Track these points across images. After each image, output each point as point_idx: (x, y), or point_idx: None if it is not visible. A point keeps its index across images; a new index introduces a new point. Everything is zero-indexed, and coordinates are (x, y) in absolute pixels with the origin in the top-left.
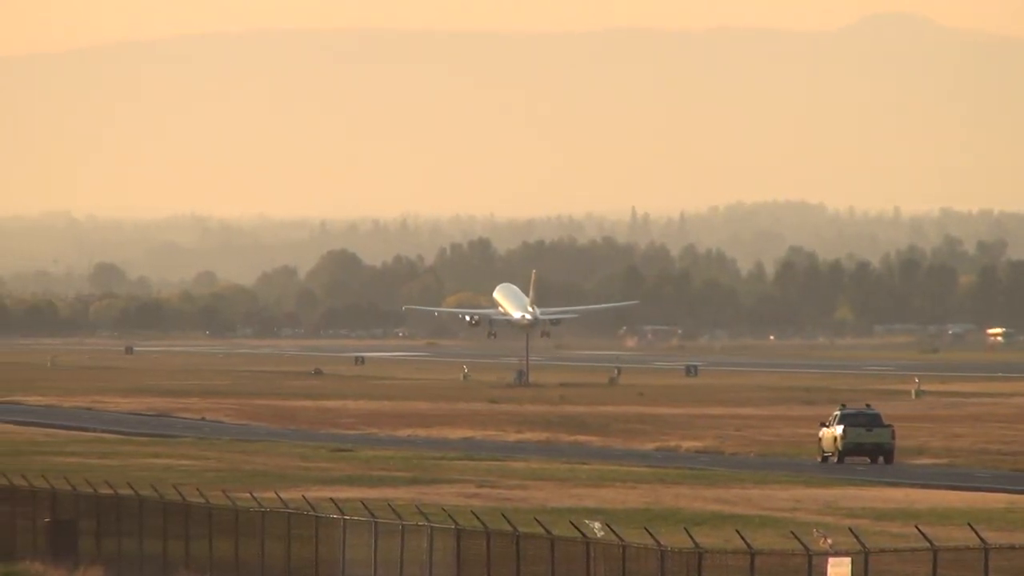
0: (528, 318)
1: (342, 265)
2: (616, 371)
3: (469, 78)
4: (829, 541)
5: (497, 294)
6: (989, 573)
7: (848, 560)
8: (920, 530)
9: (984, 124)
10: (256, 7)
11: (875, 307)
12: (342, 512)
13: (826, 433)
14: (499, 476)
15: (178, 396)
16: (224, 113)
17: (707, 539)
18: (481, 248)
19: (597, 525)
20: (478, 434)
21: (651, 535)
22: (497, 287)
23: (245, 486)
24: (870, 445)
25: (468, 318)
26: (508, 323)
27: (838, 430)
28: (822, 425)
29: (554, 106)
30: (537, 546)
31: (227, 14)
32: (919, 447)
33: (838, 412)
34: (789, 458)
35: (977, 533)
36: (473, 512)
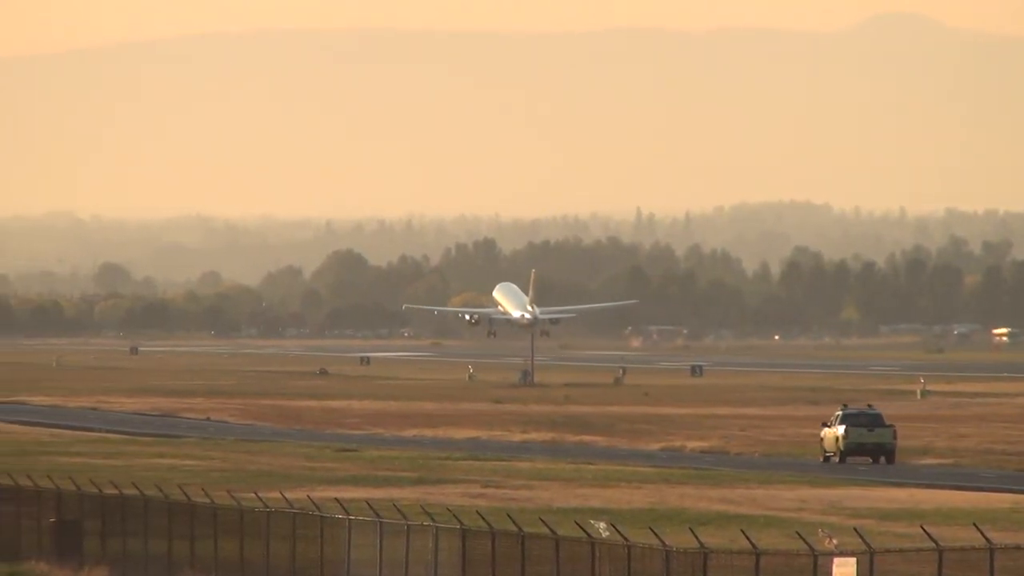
0: (528, 317)
1: (347, 265)
2: (621, 371)
3: (474, 78)
4: (834, 541)
5: (497, 293)
6: (994, 573)
7: (853, 560)
8: (925, 530)
9: (989, 124)
10: (261, 7)
11: (880, 307)
12: (347, 512)
13: (828, 433)
14: (504, 476)
15: (183, 396)
16: (229, 113)
17: (712, 539)
18: (486, 248)
19: (602, 525)
20: (483, 434)
21: (656, 535)
22: (497, 286)
23: (250, 486)
24: (872, 445)
25: (468, 317)
26: (508, 322)
27: (840, 430)
28: (824, 425)
29: (559, 106)
30: (542, 546)
31: (232, 14)
32: (924, 447)
33: (840, 412)
34: (794, 458)
35: (982, 533)
36: (478, 512)
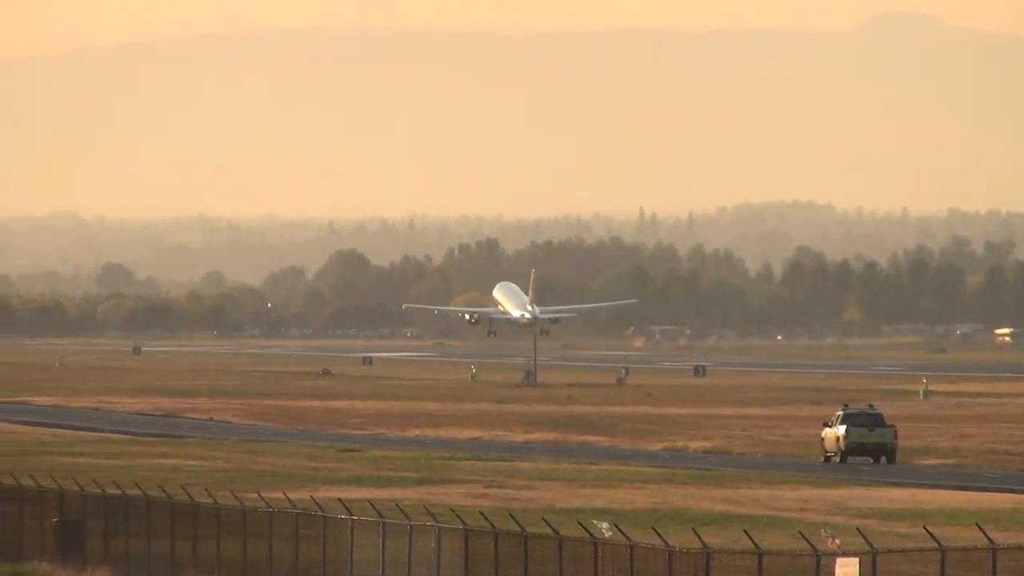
0: (527, 317)
1: (350, 265)
2: (624, 371)
3: (477, 78)
4: (837, 541)
5: (497, 293)
6: (997, 573)
7: (856, 560)
8: (928, 530)
9: (991, 124)
10: (263, 8)
11: (883, 307)
12: (350, 512)
13: (829, 433)
14: (507, 476)
15: (186, 396)
16: (232, 113)
17: (715, 539)
18: (489, 248)
19: (605, 525)
20: (486, 434)
21: (659, 535)
22: (497, 286)
23: (253, 486)
24: (872, 445)
25: (468, 317)
26: (508, 322)
27: (841, 430)
28: (825, 425)
29: (562, 106)
30: (545, 546)
31: (235, 15)
32: (927, 447)
33: (841, 412)
34: (797, 458)
35: (985, 533)
36: (481, 512)
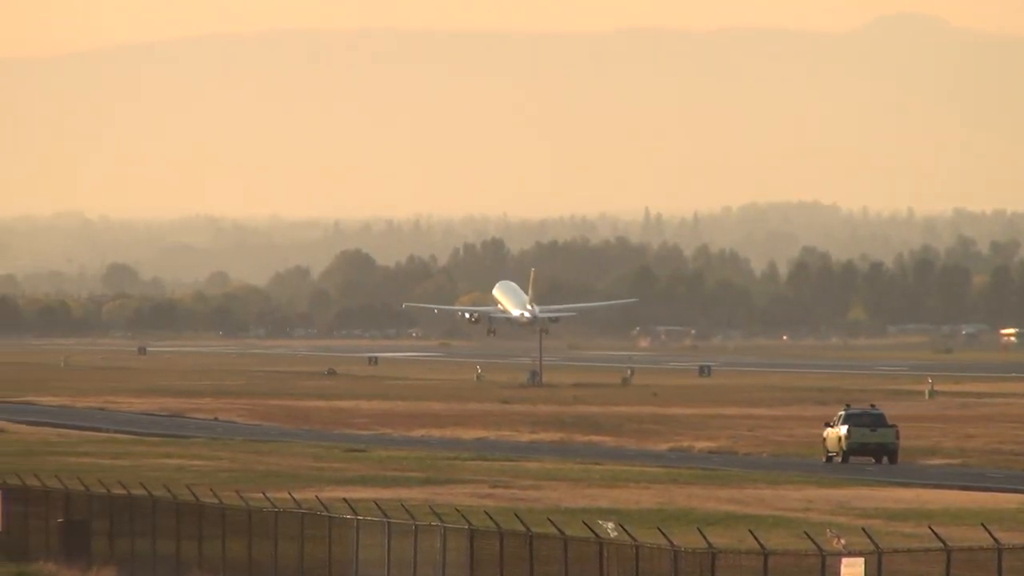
0: (527, 316)
1: (355, 265)
2: (629, 371)
3: (482, 78)
4: (842, 541)
5: (496, 292)
6: (1002, 573)
7: (861, 560)
8: (933, 530)
9: (997, 125)
10: (268, 8)
11: (888, 307)
12: (355, 512)
13: (830, 433)
14: (512, 476)
15: (191, 396)
16: (237, 114)
17: (720, 539)
18: (494, 248)
19: (610, 525)
20: (492, 434)
21: (664, 535)
22: (497, 285)
23: (258, 486)
24: (874, 445)
25: (468, 315)
26: (507, 321)
27: (842, 430)
28: (827, 425)
29: (567, 106)
30: (550, 546)
31: (238, 15)
32: (932, 447)
33: (843, 412)
34: (802, 458)
35: (990, 533)
36: (486, 512)
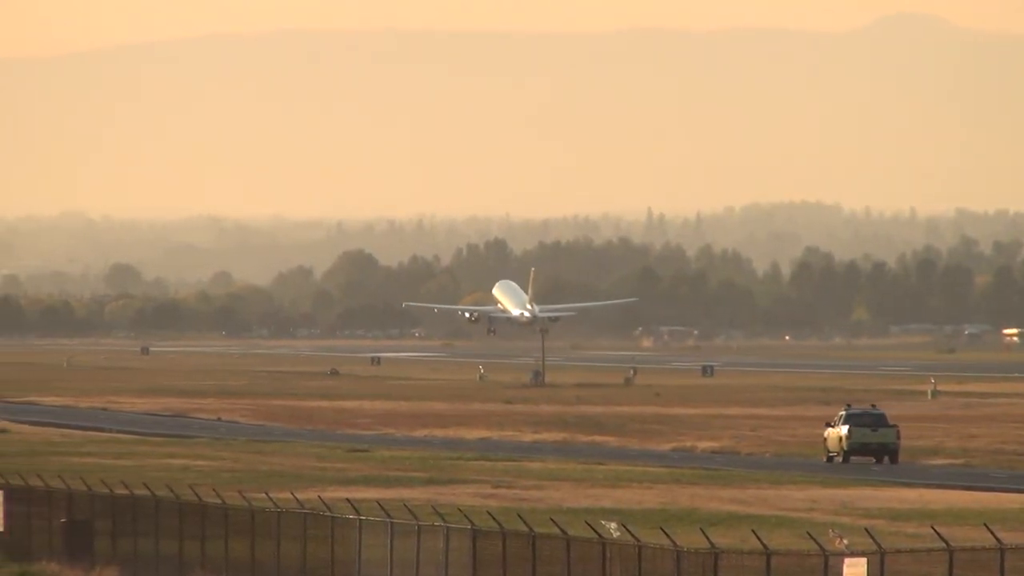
0: (527, 315)
1: (358, 265)
2: (632, 371)
3: (485, 78)
4: (845, 541)
5: (496, 291)
6: (1005, 573)
7: (864, 560)
8: (936, 530)
9: (1000, 125)
10: (272, 8)
11: (891, 307)
12: (358, 512)
13: (831, 433)
14: (515, 476)
15: (194, 396)
16: (240, 114)
17: (723, 539)
18: (497, 248)
19: (613, 525)
20: (494, 434)
21: (667, 535)
22: (496, 284)
23: (261, 486)
24: (875, 445)
25: (468, 315)
26: (507, 320)
27: (843, 430)
28: (827, 425)
29: (570, 107)
30: (553, 546)
31: (242, 15)
32: (935, 447)
33: (843, 412)
34: (804, 458)
35: (993, 533)
36: (489, 512)
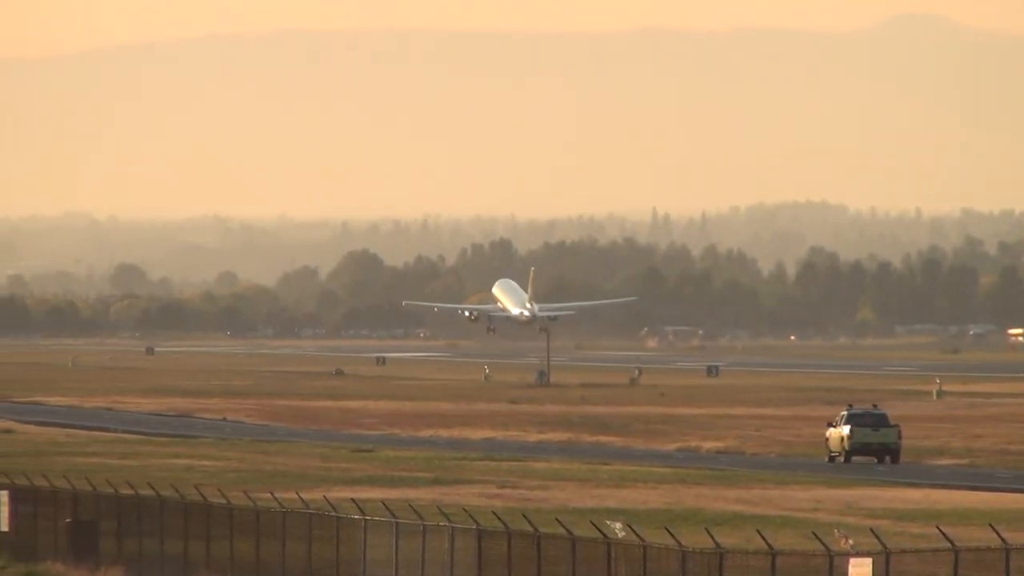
0: (527, 314)
1: (363, 265)
2: (637, 371)
3: (490, 79)
4: (850, 541)
5: (496, 290)
6: (1010, 573)
7: (869, 560)
8: (941, 530)
9: (1005, 125)
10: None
11: (896, 308)
12: (363, 512)
13: (833, 433)
14: (520, 476)
15: (199, 396)
16: (246, 114)
17: (728, 539)
18: (502, 248)
19: (618, 525)
20: (499, 435)
21: (672, 535)
22: (496, 283)
23: (266, 486)
24: (876, 445)
25: (467, 314)
26: (507, 319)
27: (845, 430)
28: (829, 425)
29: (575, 107)
30: (558, 546)
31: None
32: (940, 447)
33: (845, 412)
34: (809, 458)
35: (998, 533)
36: (494, 512)
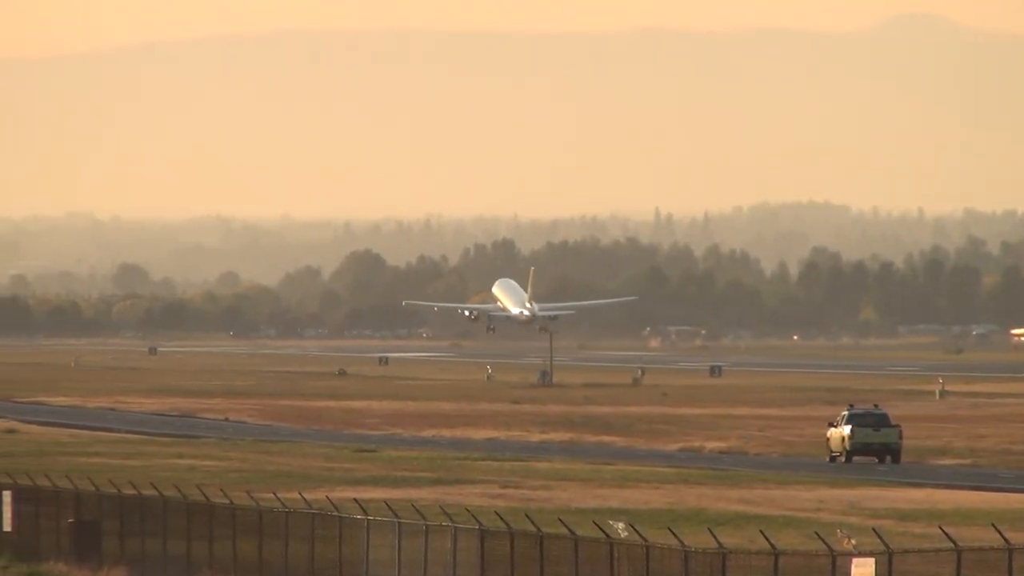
0: (526, 314)
1: (366, 265)
2: (640, 371)
3: (494, 79)
4: (853, 541)
5: (496, 289)
6: (1013, 574)
7: (872, 560)
8: (944, 530)
9: (1008, 125)
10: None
11: (899, 308)
12: (366, 512)
13: (834, 433)
14: (523, 476)
15: (201, 397)
16: (248, 114)
17: (731, 539)
18: (505, 249)
19: (621, 525)
20: (502, 434)
21: (675, 535)
22: (496, 283)
23: (269, 486)
24: (877, 445)
25: (467, 313)
26: (507, 318)
27: (846, 430)
28: (830, 425)
29: (578, 106)
30: (561, 546)
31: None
32: (943, 447)
33: (846, 412)
34: (812, 459)
35: (1001, 533)
36: (497, 512)
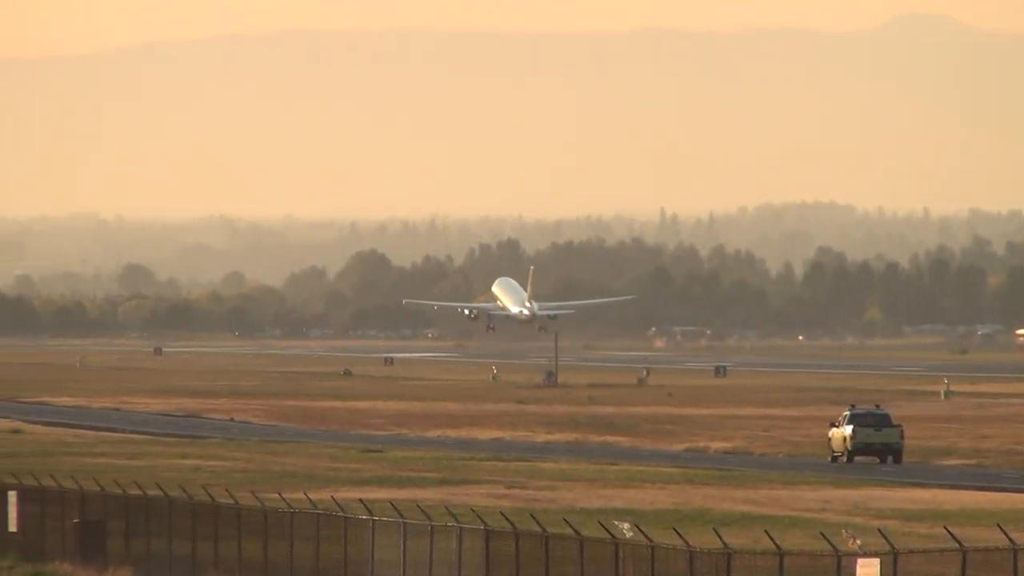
0: (526, 313)
1: (371, 266)
2: (645, 372)
3: (499, 79)
4: (858, 542)
5: (496, 289)
6: (1018, 574)
7: (877, 561)
8: (949, 531)
9: (1013, 125)
10: (288, 8)
11: (904, 308)
12: (371, 513)
13: (836, 433)
14: (528, 477)
15: (207, 397)
16: (253, 115)
17: (736, 540)
18: (510, 249)
19: (626, 526)
20: (507, 435)
21: (680, 536)
22: (496, 282)
23: (274, 487)
24: (879, 445)
25: (467, 312)
26: (507, 317)
27: (847, 430)
28: (832, 425)
29: (583, 107)
30: (566, 547)
31: (257, 15)
32: (948, 448)
33: (847, 412)
34: (817, 459)
35: (1006, 534)
36: (502, 513)
